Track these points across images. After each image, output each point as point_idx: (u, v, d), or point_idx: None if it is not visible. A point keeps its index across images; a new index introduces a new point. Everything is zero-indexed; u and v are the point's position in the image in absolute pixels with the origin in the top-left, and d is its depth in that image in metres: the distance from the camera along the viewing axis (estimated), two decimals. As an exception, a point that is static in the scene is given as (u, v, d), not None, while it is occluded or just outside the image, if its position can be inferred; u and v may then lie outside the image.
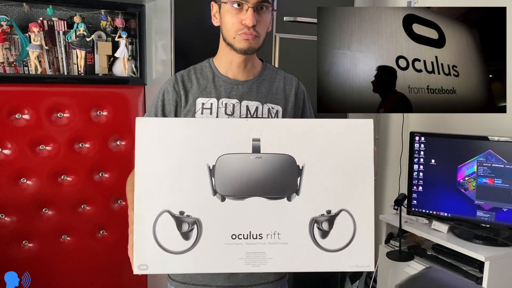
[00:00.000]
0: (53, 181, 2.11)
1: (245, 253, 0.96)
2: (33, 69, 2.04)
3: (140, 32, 2.24)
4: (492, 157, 1.87)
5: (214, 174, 0.95)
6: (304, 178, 0.96)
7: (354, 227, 0.97)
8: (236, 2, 1.15)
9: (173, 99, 1.24)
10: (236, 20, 1.16)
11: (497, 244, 1.83)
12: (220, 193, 0.96)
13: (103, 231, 2.24)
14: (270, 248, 0.96)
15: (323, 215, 0.96)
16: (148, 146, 0.97)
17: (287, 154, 0.96)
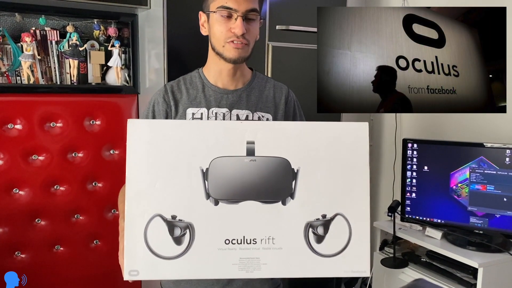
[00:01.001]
0: (46, 191, 2.10)
1: (239, 258, 0.94)
2: (25, 79, 2.03)
3: (133, 41, 2.24)
4: (484, 163, 1.88)
5: (207, 177, 0.93)
6: (299, 181, 0.94)
7: (349, 231, 0.96)
8: (225, 11, 1.15)
9: (163, 110, 1.25)
10: (225, 28, 1.17)
11: (491, 251, 1.83)
12: (214, 196, 0.93)
13: (97, 240, 2.22)
14: (265, 253, 0.94)
15: (318, 219, 0.95)
16: (140, 148, 0.95)
17: (282, 157, 0.94)
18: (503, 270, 1.81)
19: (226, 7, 1.15)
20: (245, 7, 1.15)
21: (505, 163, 1.84)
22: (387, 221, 2.24)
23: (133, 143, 0.95)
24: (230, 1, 1.14)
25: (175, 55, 2.00)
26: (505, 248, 1.84)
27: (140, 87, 2.26)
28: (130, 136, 0.95)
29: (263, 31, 2.23)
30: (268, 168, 0.94)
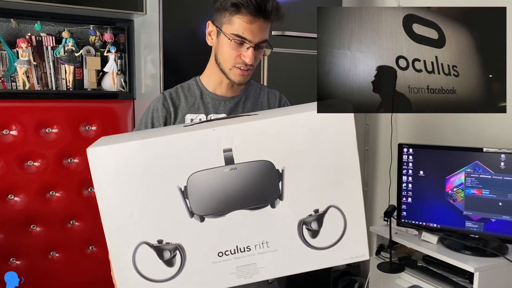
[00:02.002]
0: (42, 197, 2.09)
1: (235, 267, 0.91)
2: (21, 85, 2.03)
3: (129, 46, 2.24)
4: (480, 168, 1.89)
5: (188, 195, 0.87)
6: (286, 181, 0.89)
7: (344, 220, 0.93)
8: (238, 41, 1.17)
9: (163, 116, 1.26)
10: (235, 54, 1.18)
11: (486, 255, 1.84)
12: (198, 213, 0.88)
13: (93, 246, 2.22)
14: (260, 257, 0.91)
15: (311, 215, 0.91)
16: (107, 179, 0.87)
17: (264, 159, 0.88)
18: (499, 274, 1.81)
19: (241, 37, 1.16)
20: (258, 39, 1.17)
21: (500, 168, 1.85)
22: (383, 226, 2.24)
23: (98, 174, 0.87)
24: (247, 32, 1.15)
25: (171, 60, 2.00)
26: (501, 252, 1.84)
27: (136, 93, 2.26)
28: (94, 167, 0.88)
29: (259, 36, 2.24)
30: (250, 173, 0.88)
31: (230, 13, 1.16)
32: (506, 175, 1.84)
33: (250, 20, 1.15)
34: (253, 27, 1.15)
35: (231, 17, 1.16)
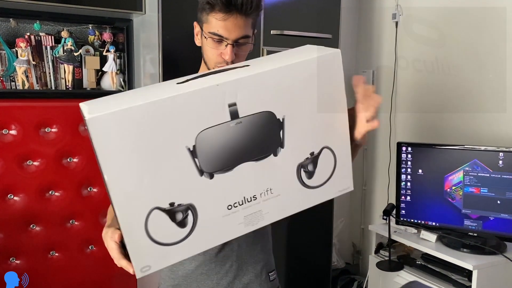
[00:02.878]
0: (41, 197, 2.09)
1: (243, 217, 0.93)
2: (20, 84, 2.03)
3: (128, 46, 2.24)
4: (478, 166, 1.90)
5: (197, 154, 0.85)
6: (286, 129, 0.92)
7: (334, 159, 0.97)
8: (216, 39, 1.15)
9: None
10: (216, 52, 1.16)
11: (485, 253, 1.85)
12: (207, 171, 0.87)
13: (92, 246, 2.22)
14: (265, 204, 0.94)
15: (307, 158, 0.95)
16: (112, 148, 0.82)
17: (266, 110, 0.89)
18: (498, 272, 1.82)
19: (217, 34, 1.14)
20: (235, 36, 1.14)
21: (498, 166, 1.85)
22: (382, 225, 2.25)
23: (102, 144, 0.82)
24: (221, 29, 1.13)
25: (170, 60, 2.01)
26: (499, 250, 1.85)
27: (135, 92, 2.26)
28: (96, 137, 0.82)
29: (258, 36, 2.24)
30: (255, 126, 0.89)
31: (206, 12, 1.15)
32: (504, 173, 1.84)
33: (223, 17, 1.12)
34: (228, 24, 1.13)
35: (208, 16, 1.15)
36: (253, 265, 1.30)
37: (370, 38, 2.97)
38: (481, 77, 2.25)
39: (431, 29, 2.53)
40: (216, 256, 1.25)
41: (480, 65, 2.25)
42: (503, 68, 2.18)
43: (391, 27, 2.74)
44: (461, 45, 2.35)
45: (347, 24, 2.90)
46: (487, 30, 2.24)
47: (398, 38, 2.70)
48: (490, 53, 2.23)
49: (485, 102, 2.24)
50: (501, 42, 2.18)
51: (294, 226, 2.49)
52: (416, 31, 2.62)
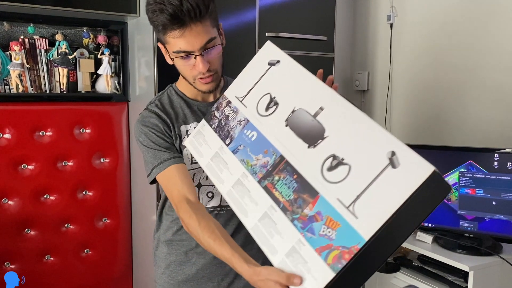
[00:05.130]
0: (36, 201, 2.08)
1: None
2: (14, 88, 2.02)
3: (123, 49, 2.24)
4: (473, 167, 1.90)
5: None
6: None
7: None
8: (182, 56, 1.11)
9: (164, 129, 1.19)
10: (189, 68, 1.13)
11: (481, 254, 1.85)
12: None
13: (87, 250, 2.21)
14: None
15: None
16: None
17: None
18: (494, 273, 1.83)
19: (180, 51, 1.10)
20: (199, 45, 1.09)
21: (493, 167, 1.86)
22: (379, 226, 2.25)
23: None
24: (183, 45, 1.09)
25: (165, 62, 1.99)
26: (495, 251, 1.85)
27: (130, 95, 2.26)
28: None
29: (253, 38, 2.24)
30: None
31: (162, 34, 1.11)
32: (499, 174, 1.85)
33: (179, 33, 1.07)
34: (186, 37, 1.08)
35: (165, 36, 1.11)
36: None
37: (365, 40, 2.97)
38: (476, 78, 2.26)
39: (426, 30, 2.54)
40: (217, 259, 1.24)
41: (475, 66, 2.26)
42: (498, 69, 2.19)
43: (386, 29, 2.75)
44: (455, 46, 2.36)
45: (342, 26, 2.90)
46: (482, 30, 2.25)
47: (393, 40, 2.71)
48: (485, 54, 2.24)
49: (480, 103, 2.25)
50: (496, 43, 2.19)
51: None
52: (411, 33, 2.63)
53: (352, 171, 0.89)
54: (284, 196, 0.95)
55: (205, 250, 1.23)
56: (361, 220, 0.84)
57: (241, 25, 2.22)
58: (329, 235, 0.86)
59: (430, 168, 0.82)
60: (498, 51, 2.19)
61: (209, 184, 1.24)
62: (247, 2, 2.22)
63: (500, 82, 2.18)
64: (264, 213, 0.96)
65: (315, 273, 0.86)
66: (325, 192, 0.90)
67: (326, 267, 0.84)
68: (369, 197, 0.85)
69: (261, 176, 1.00)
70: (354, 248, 0.82)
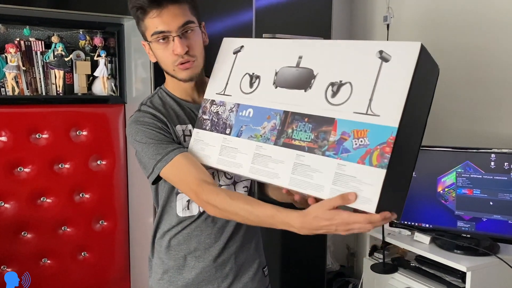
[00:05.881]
0: (32, 203, 2.07)
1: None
2: (10, 90, 2.01)
3: (119, 50, 2.23)
4: (470, 168, 1.90)
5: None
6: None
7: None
8: (160, 35, 1.12)
9: (162, 126, 1.17)
10: (168, 52, 1.13)
11: (478, 254, 1.85)
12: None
13: (85, 252, 2.20)
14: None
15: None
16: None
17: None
18: (491, 273, 1.83)
19: (158, 32, 1.11)
20: (176, 25, 1.10)
21: (490, 167, 1.86)
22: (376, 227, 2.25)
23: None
24: (160, 25, 1.10)
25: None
26: (493, 251, 1.85)
27: (127, 97, 2.25)
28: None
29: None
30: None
31: (142, 20, 1.13)
32: (496, 175, 1.85)
33: (156, 12, 1.10)
34: (164, 18, 1.10)
35: (144, 22, 1.13)
36: (250, 263, 1.31)
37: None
38: (473, 78, 2.26)
39: (423, 31, 2.54)
40: (216, 262, 1.25)
41: (471, 67, 2.27)
42: (494, 70, 2.20)
43: (383, 29, 2.75)
44: (452, 46, 2.36)
45: (339, 27, 2.91)
46: (478, 30, 2.25)
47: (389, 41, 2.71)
48: (482, 54, 2.24)
49: (476, 104, 2.26)
50: (493, 43, 2.20)
51: (288, 229, 2.48)
52: (407, 34, 2.63)
53: (354, 85, 0.96)
54: (304, 140, 0.99)
55: (204, 254, 1.23)
56: (383, 115, 0.90)
57: (237, 26, 2.21)
58: (363, 144, 0.91)
59: (417, 44, 0.89)
60: (495, 51, 2.19)
61: None
62: (244, 3, 2.22)
63: (497, 82, 2.19)
64: (293, 164, 0.99)
65: (367, 180, 0.89)
66: (340, 114, 0.96)
67: (375, 169, 0.88)
68: (380, 95, 0.92)
69: (275, 138, 1.04)
70: (390, 139, 0.88)
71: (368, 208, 0.88)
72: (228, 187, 1.25)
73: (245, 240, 1.29)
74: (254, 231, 1.34)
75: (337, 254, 3.09)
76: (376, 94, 0.92)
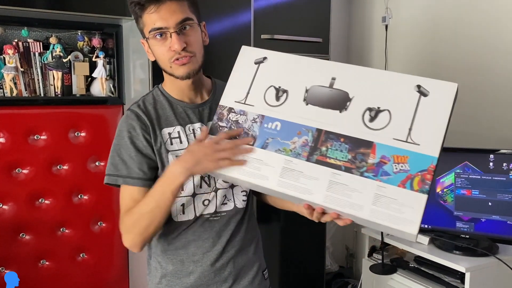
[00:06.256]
0: (31, 205, 2.07)
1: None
2: (8, 91, 2.00)
3: (117, 51, 2.23)
4: (469, 168, 1.91)
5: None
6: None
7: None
8: (158, 32, 1.11)
9: (142, 133, 1.17)
10: (165, 49, 1.12)
11: (477, 255, 1.85)
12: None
13: (83, 254, 2.19)
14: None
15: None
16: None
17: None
18: (490, 274, 1.83)
19: (156, 28, 1.11)
20: (174, 21, 1.10)
21: (489, 168, 1.86)
22: (375, 227, 2.25)
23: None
24: (158, 21, 1.10)
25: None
26: (491, 252, 1.85)
27: (125, 98, 2.25)
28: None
29: (248, 40, 2.24)
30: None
31: (140, 17, 1.13)
32: (495, 175, 1.85)
33: (154, 8, 1.10)
34: (162, 13, 1.10)
35: (142, 19, 1.13)
36: (250, 267, 1.30)
37: (360, 42, 2.98)
38: (471, 79, 2.26)
39: (421, 31, 2.55)
40: (214, 266, 1.24)
41: (470, 67, 2.27)
42: (492, 71, 2.20)
43: (381, 30, 2.76)
44: (450, 47, 2.36)
45: (338, 28, 2.91)
46: (477, 32, 2.26)
47: (388, 41, 2.72)
48: (481, 56, 2.24)
49: (475, 104, 2.26)
50: (490, 45, 2.20)
51: (287, 229, 2.48)
52: (406, 34, 2.63)
53: (392, 113, 1.03)
54: (341, 159, 1.02)
55: (202, 258, 1.22)
56: (423, 144, 0.98)
57: (236, 27, 2.22)
58: (403, 169, 0.98)
59: (454, 85, 1.00)
60: (493, 52, 2.19)
61: (204, 192, 1.21)
62: (242, 4, 2.22)
63: (495, 83, 2.19)
64: (329, 181, 1.01)
65: (408, 203, 0.95)
66: (379, 138, 1.01)
67: (416, 194, 0.95)
68: (419, 125, 1.00)
69: (307, 154, 1.05)
70: (431, 167, 0.96)
71: (410, 230, 0.94)
72: (225, 190, 1.24)
73: (244, 244, 1.28)
74: (253, 235, 1.33)
75: (336, 255, 3.09)
76: (416, 125, 1.00)
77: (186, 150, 1.10)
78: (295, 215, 1.18)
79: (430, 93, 1.01)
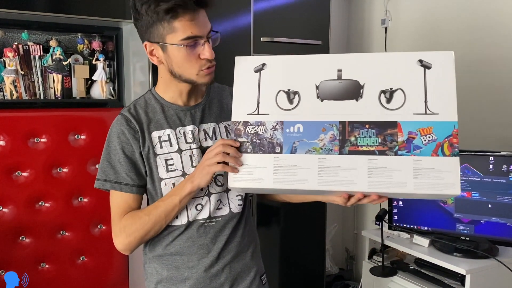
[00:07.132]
0: (31, 208, 2.06)
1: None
2: (8, 94, 2.01)
3: (117, 54, 2.23)
4: (469, 170, 1.91)
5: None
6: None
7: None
8: (192, 43, 1.09)
9: (131, 137, 1.17)
10: (194, 57, 1.11)
11: (477, 257, 1.85)
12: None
13: (83, 257, 2.19)
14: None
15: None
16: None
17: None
18: (490, 276, 1.83)
19: (192, 37, 1.08)
20: (207, 30, 1.11)
21: (488, 170, 1.87)
22: (375, 230, 2.25)
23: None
24: (195, 29, 1.08)
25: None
26: (492, 254, 1.86)
27: (125, 101, 2.25)
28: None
29: (248, 43, 2.24)
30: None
31: (168, 22, 1.07)
32: (494, 177, 1.86)
33: (192, 16, 1.07)
34: (198, 21, 1.09)
35: (171, 24, 1.07)
36: (246, 272, 1.29)
37: (359, 44, 2.98)
38: (471, 81, 2.27)
39: (420, 34, 2.55)
40: (210, 272, 1.23)
41: (469, 69, 2.27)
42: (492, 73, 2.20)
43: (381, 32, 2.76)
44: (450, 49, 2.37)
45: (337, 30, 2.91)
46: (477, 34, 2.26)
47: (387, 44, 2.72)
48: (480, 58, 2.25)
49: (474, 107, 2.26)
50: (489, 47, 2.20)
51: (287, 232, 2.48)
52: (405, 36, 2.64)
53: (406, 91, 1.08)
54: (372, 144, 1.07)
55: (197, 264, 1.21)
56: (441, 112, 1.06)
57: (235, 30, 2.22)
58: (431, 139, 1.05)
59: (450, 53, 1.09)
60: (493, 53, 2.20)
61: (196, 196, 1.19)
62: (242, 7, 2.22)
63: (495, 85, 2.19)
64: (368, 168, 1.05)
65: (446, 168, 1.03)
66: (400, 117, 1.07)
67: (449, 158, 1.03)
68: (432, 96, 1.07)
69: (338, 148, 1.08)
70: (455, 131, 1.05)
71: (453, 192, 1.02)
72: (219, 194, 1.22)
73: (240, 249, 1.27)
74: (250, 239, 1.31)
75: (336, 257, 3.08)
76: (429, 96, 1.07)
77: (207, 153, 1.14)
78: (295, 217, 1.19)
79: (433, 65, 1.08)
